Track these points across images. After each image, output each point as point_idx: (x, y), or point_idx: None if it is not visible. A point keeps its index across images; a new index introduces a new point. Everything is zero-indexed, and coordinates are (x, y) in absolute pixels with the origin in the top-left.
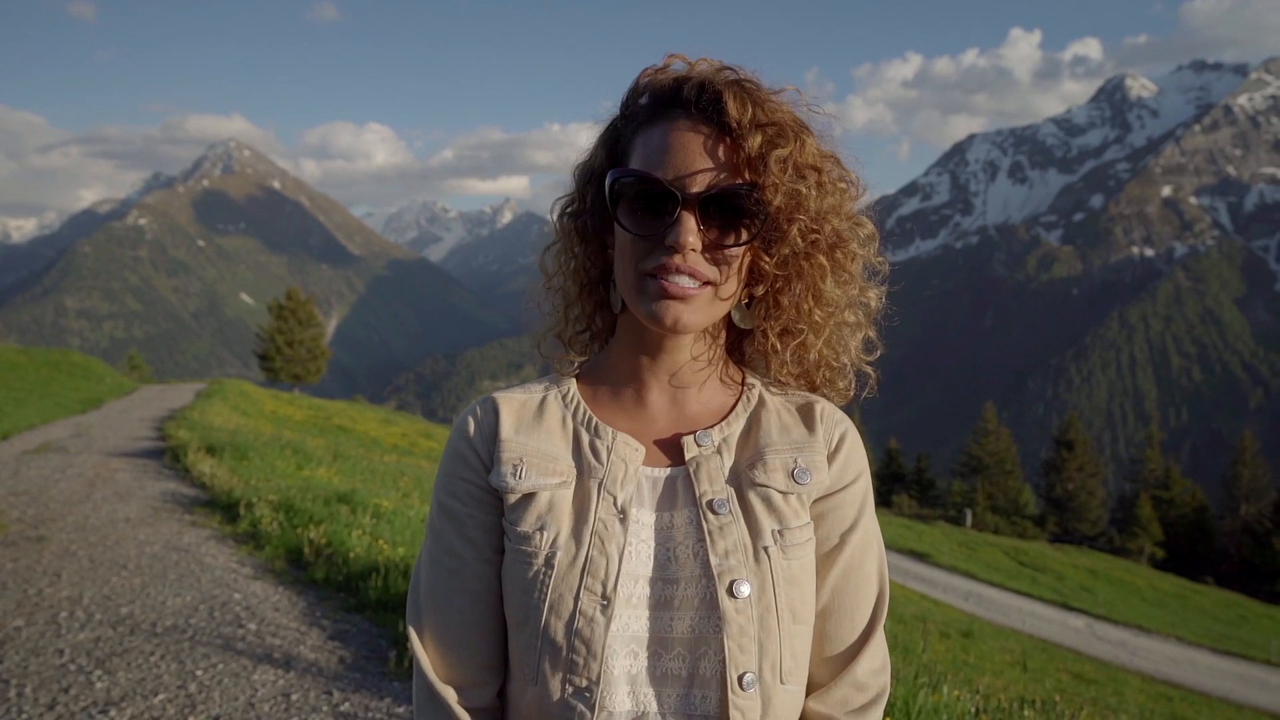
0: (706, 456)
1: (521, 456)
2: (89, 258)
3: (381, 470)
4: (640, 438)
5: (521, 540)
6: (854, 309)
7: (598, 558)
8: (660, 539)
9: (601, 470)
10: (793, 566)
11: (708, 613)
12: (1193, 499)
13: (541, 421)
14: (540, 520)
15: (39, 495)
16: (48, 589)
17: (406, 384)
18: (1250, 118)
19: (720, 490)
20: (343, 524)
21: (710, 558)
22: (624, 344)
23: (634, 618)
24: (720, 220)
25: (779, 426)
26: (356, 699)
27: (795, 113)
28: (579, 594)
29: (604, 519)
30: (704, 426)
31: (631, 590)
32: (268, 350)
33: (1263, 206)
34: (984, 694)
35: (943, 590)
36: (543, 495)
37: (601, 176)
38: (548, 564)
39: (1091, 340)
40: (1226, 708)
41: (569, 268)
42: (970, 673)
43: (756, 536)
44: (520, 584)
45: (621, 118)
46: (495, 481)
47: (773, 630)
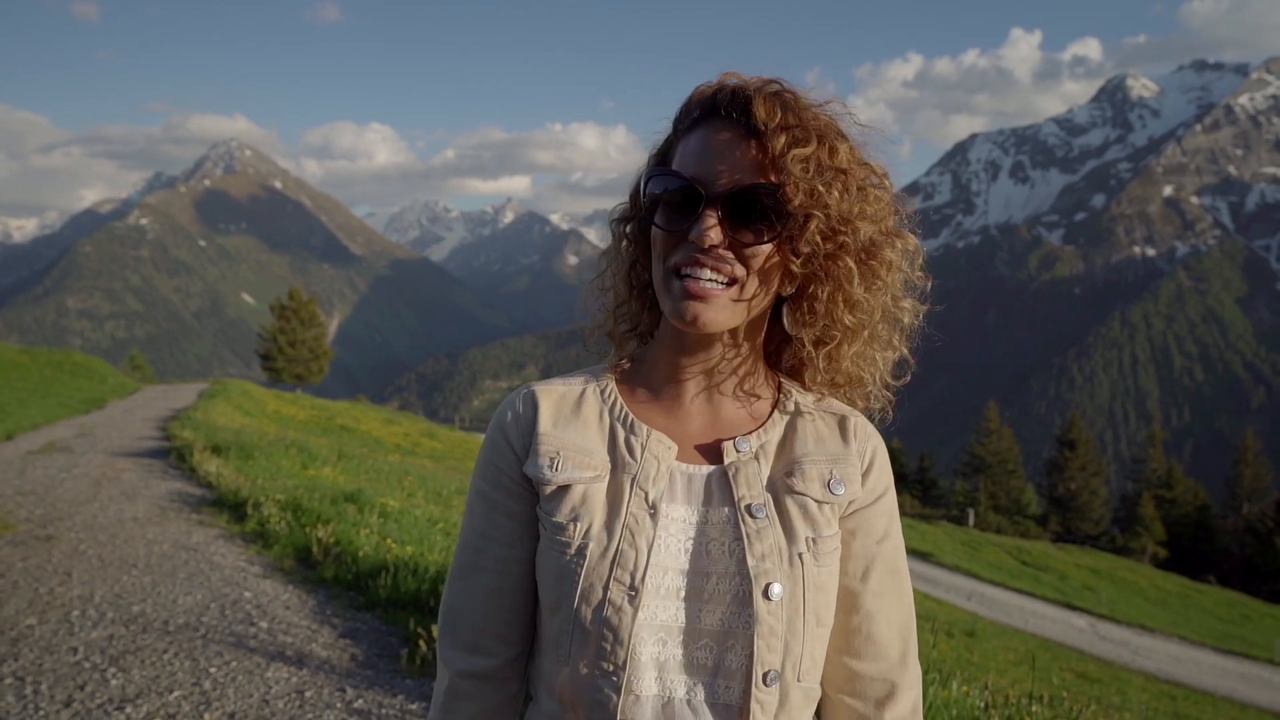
0: (744, 462)
1: (559, 450)
2: (90, 258)
3: (386, 470)
4: (675, 436)
5: (556, 530)
6: (888, 322)
7: (627, 550)
8: (693, 534)
9: (635, 466)
10: (822, 574)
11: (739, 609)
12: (1195, 498)
13: (579, 415)
14: (574, 512)
15: (46, 495)
16: (59, 588)
17: (408, 384)
18: (1251, 117)
19: (758, 495)
20: (350, 523)
21: (747, 558)
22: (663, 344)
23: (662, 607)
24: (743, 218)
25: (815, 437)
26: (370, 696)
27: (837, 124)
28: (608, 584)
29: (635, 513)
30: (740, 430)
31: (660, 581)
32: (270, 350)
33: (1264, 206)
34: (992, 690)
35: (946, 590)
36: (577, 488)
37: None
38: (580, 554)
39: (1093, 340)
40: (1230, 707)
41: (620, 271)
42: (975, 671)
43: (792, 542)
44: (554, 571)
45: (674, 130)
46: (531, 472)
47: (799, 632)
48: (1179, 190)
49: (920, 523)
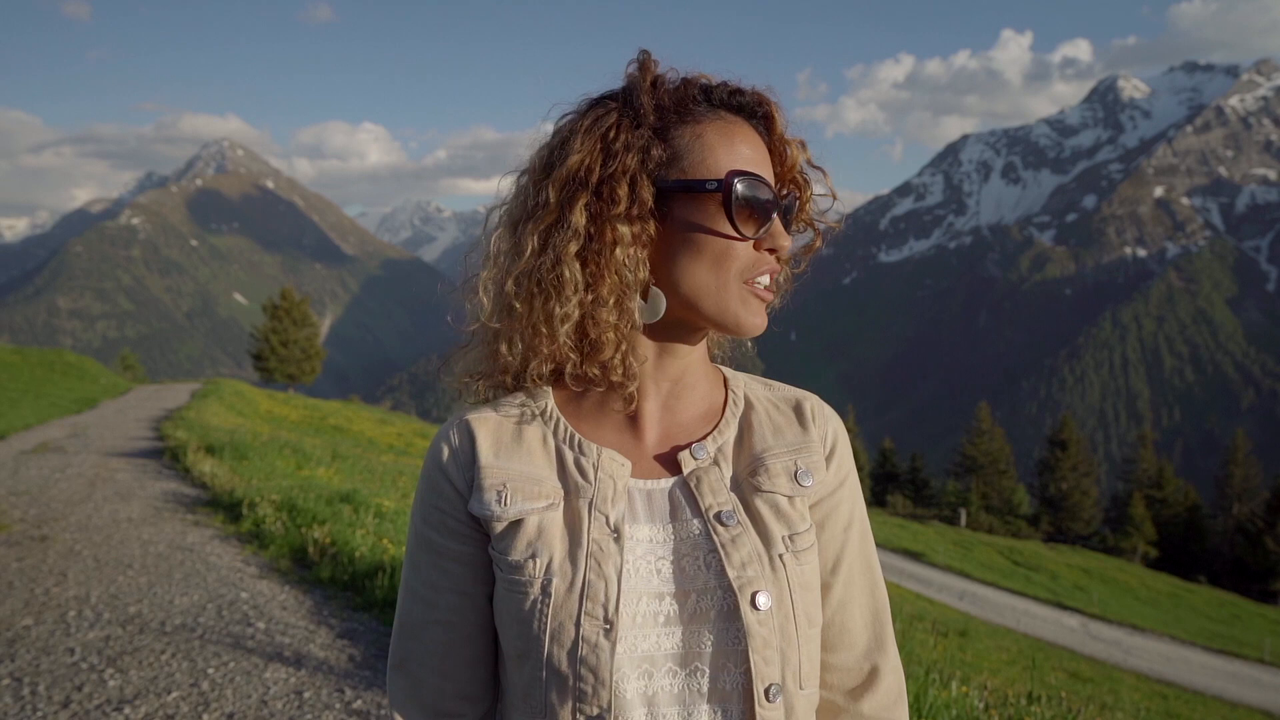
0: (705, 468)
1: (505, 481)
2: (81, 257)
3: (379, 470)
4: (627, 452)
5: (513, 570)
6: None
7: (595, 581)
8: (662, 553)
9: (590, 489)
10: (805, 571)
11: (726, 625)
12: (1185, 498)
13: (521, 441)
14: (531, 547)
15: (40, 495)
16: (54, 588)
17: (400, 384)
18: (1242, 119)
19: (725, 501)
20: (346, 523)
21: (727, 570)
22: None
23: (642, 637)
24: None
25: (772, 428)
26: (369, 697)
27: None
28: (579, 620)
29: (598, 540)
30: (693, 434)
31: (636, 609)
32: (262, 350)
33: (1254, 207)
34: (990, 690)
35: (938, 590)
36: (531, 520)
37: (651, 174)
38: (544, 592)
39: (1084, 340)
40: (1221, 706)
41: (616, 283)
42: (968, 671)
43: (770, 545)
44: (517, 616)
45: (657, 107)
46: (477, 510)
47: (792, 638)
48: (1170, 191)
49: (912, 523)
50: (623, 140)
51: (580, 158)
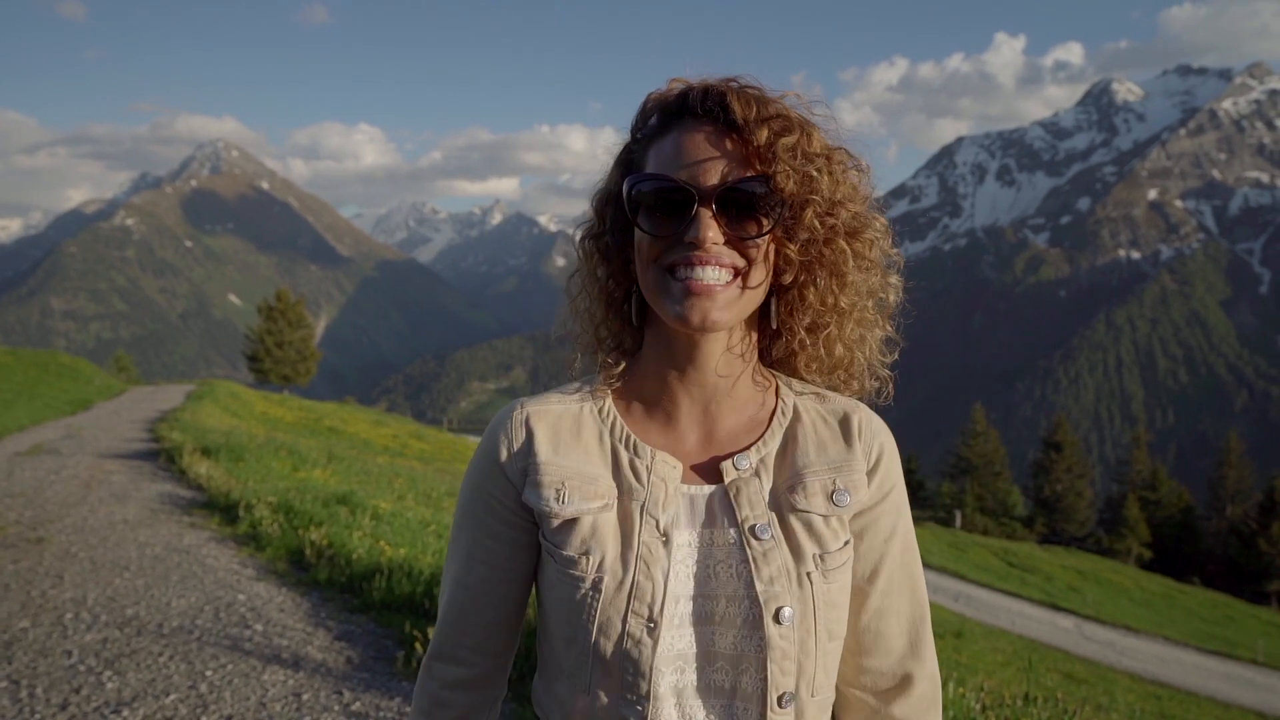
0: (745, 480)
1: (564, 480)
2: (75, 258)
3: (375, 472)
4: (675, 454)
5: (567, 564)
6: (875, 298)
7: (644, 582)
8: (699, 557)
9: (643, 492)
10: (832, 590)
11: (749, 632)
12: (1179, 500)
13: (579, 439)
14: (585, 545)
15: (35, 497)
16: (51, 590)
17: (396, 385)
18: (1235, 122)
19: (761, 515)
20: (343, 525)
21: (755, 584)
22: (652, 358)
23: (679, 636)
24: (738, 213)
25: (816, 444)
26: (367, 698)
27: (799, 112)
28: (626, 617)
29: (648, 543)
30: (738, 440)
31: (674, 610)
32: (257, 351)
33: (1247, 210)
34: (987, 691)
35: (933, 591)
36: (586, 519)
37: (619, 196)
38: (594, 588)
39: (1079, 342)
40: (1214, 706)
41: (594, 290)
42: (964, 672)
43: (799, 562)
44: (567, 604)
45: (633, 140)
46: (533, 503)
47: (811, 651)
48: (1163, 194)
49: None
50: (617, 170)
51: (605, 184)
